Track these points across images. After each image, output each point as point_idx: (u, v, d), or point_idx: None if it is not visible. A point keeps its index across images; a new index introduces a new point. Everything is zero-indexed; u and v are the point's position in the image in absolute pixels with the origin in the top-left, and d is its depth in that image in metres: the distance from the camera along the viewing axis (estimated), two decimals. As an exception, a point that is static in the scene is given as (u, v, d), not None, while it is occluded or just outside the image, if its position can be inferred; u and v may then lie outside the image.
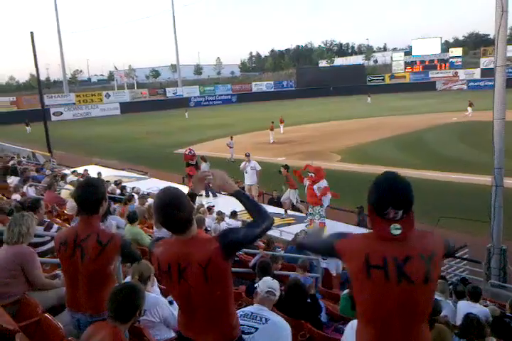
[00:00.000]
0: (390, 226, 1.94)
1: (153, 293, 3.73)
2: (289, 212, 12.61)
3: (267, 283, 3.40)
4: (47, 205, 7.14)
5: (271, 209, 13.29)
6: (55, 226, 5.13)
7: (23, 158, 19.35)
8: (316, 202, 10.70)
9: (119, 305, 2.63)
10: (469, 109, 35.70)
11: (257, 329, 3.12)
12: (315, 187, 10.60)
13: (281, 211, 12.73)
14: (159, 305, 3.56)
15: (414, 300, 1.97)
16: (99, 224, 3.19)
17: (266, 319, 3.18)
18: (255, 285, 3.68)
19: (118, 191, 12.80)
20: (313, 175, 10.67)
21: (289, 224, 11.64)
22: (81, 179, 13.11)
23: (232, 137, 24.27)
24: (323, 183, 10.65)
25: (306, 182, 10.85)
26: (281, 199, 12.81)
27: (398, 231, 1.93)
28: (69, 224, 6.32)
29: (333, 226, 10.58)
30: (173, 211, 2.20)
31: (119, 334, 2.57)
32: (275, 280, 3.55)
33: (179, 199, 2.24)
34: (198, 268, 2.20)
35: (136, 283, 3.16)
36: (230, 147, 23.62)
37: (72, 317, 3.15)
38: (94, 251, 2.96)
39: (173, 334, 3.51)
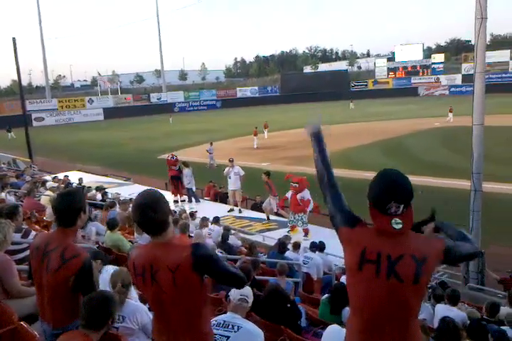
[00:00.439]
0: (391, 220, 1.99)
1: (132, 300, 3.70)
2: (272, 217, 12.64)
3: (239, 291, 3.39)
4: (26, 212, 7.06)
5: (254, 214, 13.35)
6: (33, 233, 5.07)
7: (3, 164, 19.09)
8: (300, 210, 10.81)
9: (91, 313, 2.62)
10: (450, 114, 36.25)
11: (228, 337, 3.13)
12: (298, 196, 10.73)
13: (264, 216, 12.75)
14: (139, 312, 3.52)
15: (402, 297, 2.00)
16: (73, 238, 3.09)
17: (238, 327, 3.19)
18: (229, 293, 3.68)
19: (99, 197, 12.70)
20: (296, 185, 10.78)
21: (271, 230, 11.67)
22: (62, 185, 13.00)
23: (211, 143, 24.24)
24: (306, 194, 10.78)
25: (290, 192, 10.99)
26: (263, 205, 12.84)
27: (399, 226, 1.98)
28: (48, 231, 6.25)
29: (317, 232, 10.64)
30: (149, 212, 2.24)
31: None
32: (247, 287, 3.56)
33: (156, 201, 2.28)
34: (167, 272, 2.22)
35: (107, 291, 3.12)
36: (210, 153, 23.63)
37: (41, 325, 3.13)
38: (55, 264, 2.89)
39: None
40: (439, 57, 73.88)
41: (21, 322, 3.31)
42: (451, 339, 3.99)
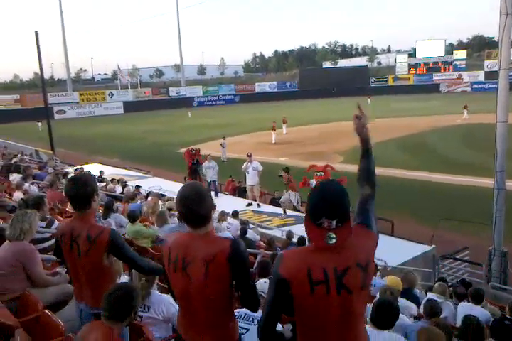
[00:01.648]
0: (325, 235, 1.91)
1: (157, 291, 3.72)
2: (289, 212, 12.59)
3: (258, 287, 3.40)
4: (49, 203, 7.15)
5: (272, 209, 13.32)
6: (56, 223, 5.15)
7: (26, 155, 19.40)
8: None
9: (114, 305, 2.64)
10: (465, 111, 35.77)
11: (247, 330, 3.14)
12: None
13: (281, 211, 12.72)
14: (163, 303, 3.54)
15: (352, 307, 1.98)
16: (93, 218, 3.17)
17: (258, 320, 3.20)
18: None
19: (119, 189, 12.84)
20: (322, 173, 10.62)
21: (290, 225, 11.63)
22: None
23: (224, 137, 24.29)
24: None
25: (313, 182, 10.77)
26: (280, 200, 12.80)
27: (333, 241, 1.90)
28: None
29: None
30: (194, 205, 2.25)
31: (113, 335, 2.58)
32: (267, 282, 3.55)
33: (201, 194, 2.30)
34: (201, 263, 2.21)
35: (130, 283, 3.15)
36: (223, 147, 23.76)
37: (77, 306, 3.19)
38: (85, 247, 2.97)
39: (171, 333, 3.51)
40: (461, 54, 72.68)
41: (46, 310, 3.36)
42: (474, 338, 3.93)
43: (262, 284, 3.50)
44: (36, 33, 23.42)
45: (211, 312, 2.28)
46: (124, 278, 3.97)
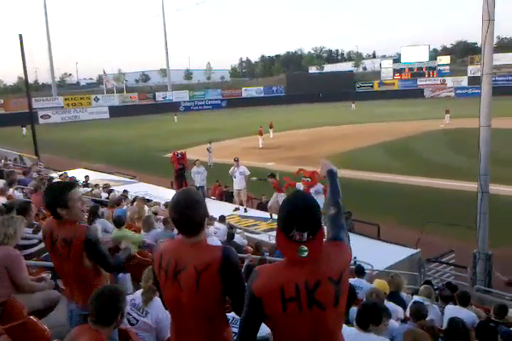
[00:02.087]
0: (297, 248, 1.87)
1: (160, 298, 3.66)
2: (276, 216, 12.60)
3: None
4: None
5: (259, 213, 13.33)
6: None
7: (10, 161, 19.16)
8: None
9: (100, 308, 2.62)
10: (447, 116, 36.29)
11: (235, 333, 3.13)
12: (311, 191, 10.55)
13: (268, 215, 12.73)
14: (162, 312, 3.47)
15: (325, 325, 1.94)
16: (70, 223, 3.11)
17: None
18: None
19: (104, 195, 12.73)
20: (309, 179, 10.64)
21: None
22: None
23: (211, 142, 24.40)
24: (320, 187, 10.62)
25: (300, 186, 10.79)
26: (268, 205, 12.78)
27: (305, 254, 1.86)
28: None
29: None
30: (188, 211, 2.20)
31: (101, 339, 2.56)
32: None
33: (196, 201, 2.25)
34: (193, 272, 2.18)
35: (116, 285, 3.12)
36: (210, 152, 23.84)
37: (68, 306, 3.19)
38: (64, 250, 2.98)
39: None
40: (445, 59, 73.76)
41: (31, 317, 3.32)
42: (460, 340, 3.97)
43: None
44: (20, 36, 23.21)
45: (203, 320, 2.24)
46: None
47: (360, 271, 6.91)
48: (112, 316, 2.65)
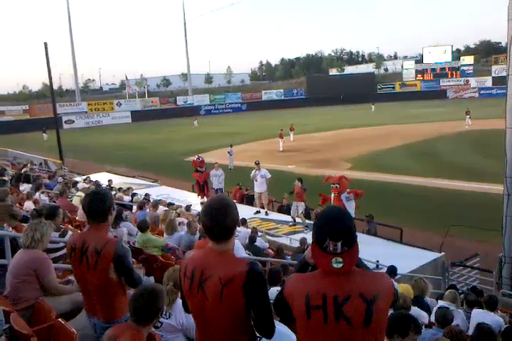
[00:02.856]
0: (331, 259, 1.90)
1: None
2: (299, 219, 12.58)
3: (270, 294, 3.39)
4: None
5: (280, 216, 13.32)
6: (69, 233, 5.20)
7: (35, 165, 19.57)
8: None
9: (141, 308, 2.67)
10: (467, 117, 35.65)
11: (260, 338, 3.14)
12: (343, 197, 10.50)
13: (290, 218, 12.71)
14: (186, 313, 3.54)
15: None
16: (106, 232, 3.22)
17: None
18: None
19: (128, 198, 12.90)
20: (337, 186, 10.60)
21: (298, 232, 11.62)
22: (92, 186, 13.24)
23: (231, 145, 24.64)
24: (349, 193, 10.57)
25: (332, 194, 10.76)
26: (291, 213, 12.72)
27: (340, 265, 1.89)
28: (80, 231, 6.39)
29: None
30: (219, 217, 2.21)
31: (140, 338, 2.61)
32: (278, 290, 3.54)
33: (227, 207, 2.26)
34: (218, 283, 2.17)
35: (156, 285, 3.17)
36: (231, 155, 24.01)
37: (89, 320, 3.21)
38: (93, 259, 3.00)
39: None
40: (468, 59, 72.56)
41: (59, 319, 3.39)
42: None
43: (274, 292, 3.50)
44: (45, 44, 23.71)
45: (226, 331, 2.25)
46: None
47: (392, 272, 6.85)
48: (152, 315, 2.71)
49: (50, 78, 24.49)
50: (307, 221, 12.30)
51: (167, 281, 3.71)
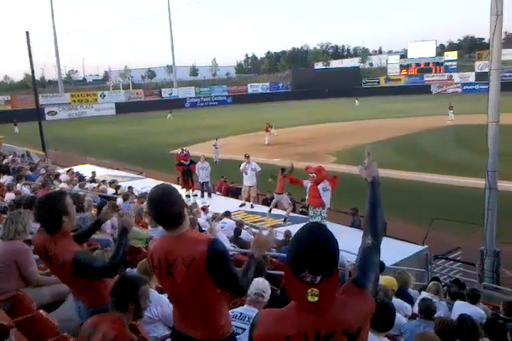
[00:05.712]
0: (306, 291, 1.61)
1: (155, 291, 3.71)
2: (277, 211, 12.60)
3: (255, 285, 3.40)
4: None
5: (265, 209, 13.31)
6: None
7: (18, 157, 19.25)
8: (318, 203, 10.61)
9: (115, 295, 2.69)
10: (450, 112, 35.94)
11: (244, 330, 3.14)
12: (319, 187, 10.49)
13: (280, 212, 12.71)
14: (160, 304, 3.60)
15: None
16: (67, 240, 2.99)
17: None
18: None
19: (111, 190, 12.78)
20: (314, 175, 10.59)
21: (284, 225, 11.62)
22: (75, 178, 13.07)
23: (217, 138, 24.58)
24: (326, 183, 10.57)
25: (308, 183, 10.75)
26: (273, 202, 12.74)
27: (315, 298, 1.61)
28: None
29: (331, 228, 10.56)
30: (163, 205, 2.29)
31: (122, 323, 2.62)
32: (265, 281, 3.55)
33: (170, 195, 2.34)
34: (182, 266, 2.26)
35: (138, 276, 3.17)
36: (216, 148, 23.95)
37: (76, 304, 3.21)
38: (57, 267, 2.95)
39: (167, 332, 3.51)
40: (452, 55, 73.22)
41: (40, 310, 3.35)
42: (469, 337, 3.95)
43: (260, 283, 3.48)
44: (27, 33, 23.29)
45: (199, 310, 2.36)
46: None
47: (381, 268, 6.86)
48: (124, 302, 2.67)
49: (32, 68, 24.08)
50: (292, 213, 12.31)
51: (139, 271, 3.81)
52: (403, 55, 76.54)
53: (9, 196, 8.50)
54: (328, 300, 1.65)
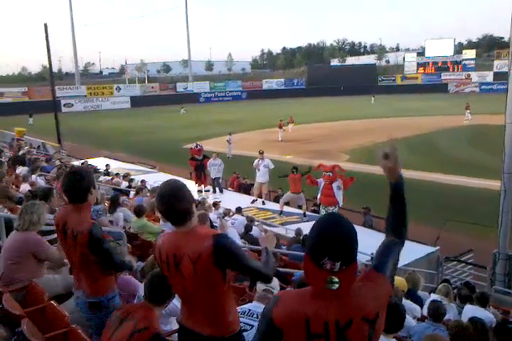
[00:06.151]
0: (326, 278, 1.65)
1: None
2: (289, 209, 12.58)
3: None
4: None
5: (277, 206, 13.31)
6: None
7: (34, 148, 19.48)
8: (331, 202, 10.57)
9: (152, 289, 2.77)
10: (467, 112, 35.51)
11: (252, 326, 3.14)
12: (334, 186, 10.46)
13: (291, 209, 12.70)
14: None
15: None
16: (86, 213, 3.10)
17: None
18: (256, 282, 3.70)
19: (125, 184, 12.87)
20: (330, 174, 10.53)
21: (295, 222, 11.61)
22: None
23: (231, 133, 24.54)
24: (339, 182, 10.54)
25: (322, 182, 10.71)
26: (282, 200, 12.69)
27: (335, 286, 1.64)
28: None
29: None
30: (173, 201, 2.29)
31: (152, 315, 2.69)
32: (274, 278, 3.55)
33: (179, 191, 2.34)
34: (188, 261, 2.26)
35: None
36: (229, 143, 23.93)
37: (75, 293, 3.25)
38: (71, 240, 2.99)
39: (175, 327, 3.54)
40: (470, 53, 72.10)
41: (51, 301, 3.39)
42: (479, 340, 3.92)
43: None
44: (45, 25, 23.44)
45: (206, 306, 2.37)
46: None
47: None
48: (163, 297, 2.80)
49: (50, 61, 24.28)
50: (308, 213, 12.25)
51: (147, 266, 3.79)
52: (420, 53, 75.52)
53: (24, 187, 8.60)
54: (346, 288, 1.69)
